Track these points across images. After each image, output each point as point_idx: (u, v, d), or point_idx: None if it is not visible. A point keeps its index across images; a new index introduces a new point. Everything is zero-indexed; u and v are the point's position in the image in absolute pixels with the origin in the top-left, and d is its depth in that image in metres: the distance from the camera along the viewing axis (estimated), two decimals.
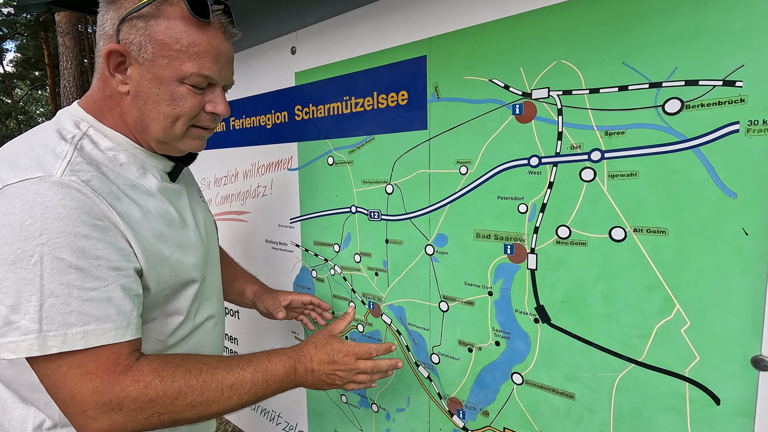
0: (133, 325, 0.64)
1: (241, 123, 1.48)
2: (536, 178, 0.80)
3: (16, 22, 17.91)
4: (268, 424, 1.52)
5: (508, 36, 0.82)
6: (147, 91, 0.69)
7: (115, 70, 0.69)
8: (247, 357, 0.75)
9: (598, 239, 0.75)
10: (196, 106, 0.72)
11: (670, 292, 0.69)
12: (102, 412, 0.60)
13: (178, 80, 0.69)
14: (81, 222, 0.59)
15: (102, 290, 0.61)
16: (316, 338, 0.84)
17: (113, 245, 0.63)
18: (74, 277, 0.58)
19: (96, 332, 0.60)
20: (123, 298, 0.63)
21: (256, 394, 0.72)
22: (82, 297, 0.59)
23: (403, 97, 1.00)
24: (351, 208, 1.14)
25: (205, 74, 0.70)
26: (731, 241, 0.63)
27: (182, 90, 0.70)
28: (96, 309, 0.60)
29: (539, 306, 0.83)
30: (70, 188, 0.60)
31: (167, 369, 0.65)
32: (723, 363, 0.65)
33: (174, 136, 0.74)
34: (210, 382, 0.67)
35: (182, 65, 0.68)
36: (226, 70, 0.75)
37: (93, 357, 0.60)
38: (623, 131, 0.71)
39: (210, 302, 0.87)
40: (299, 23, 1.23)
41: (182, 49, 0.68)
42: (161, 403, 0.63)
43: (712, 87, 0.63)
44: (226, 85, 0.78)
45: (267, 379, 0.73)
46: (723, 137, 0.62)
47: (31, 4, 1.39)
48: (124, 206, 0.66)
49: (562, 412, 0.82)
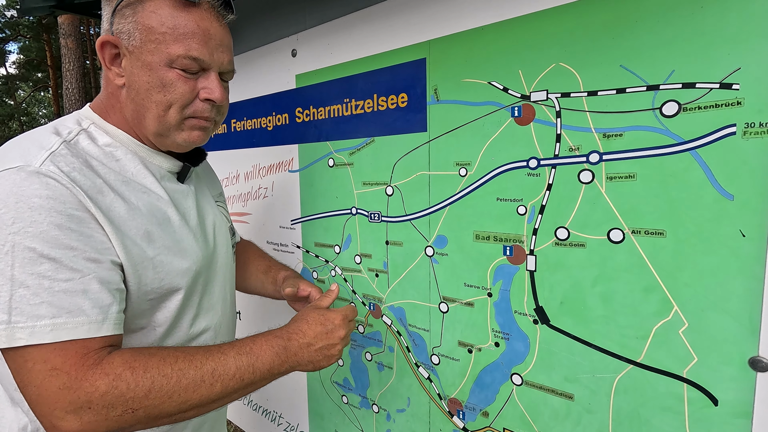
0: (111, 320, 0.60)
1: (242, 125, 1.49)
2: (535, 180, 0.81)
3: (19, 24, 17.98)
4: (270, 424, 1.53)
5: (507, 39, 0.82)
6: (138, 80, 0.68)
7: (111, 63, 0.69)
8: (229, 342, 0.69)
9: (597, 241, 0.75)
10: (188, 92, 0.69)
11: (668, 294, 0.69)
12: (70, 411, 0.56)
13: (167, 65, 0.67)
14: (56, 212, 0.57)
15: (77, 282, 0.58)
16: (306, 314, 0.78)
17: (90, 237, 0.60)
18: (46, 267, 0.56)
19: (66, 326, 0.56)
20: (100, 291, 0.59)
21: (242, 379, 0.65)
22: (53, 288, 0.56)
23: (402, 100, 1.00)
24: (351, 209, 1.15)
25: (193, 56, 0.67)
26: (728, 243, 0.63)
27: (172, 75, 0.67)
28: (68, 301, 0.57)
29: (538, 307, 0.83)
30: (47, 178, 0.58)
31: (139, 359, 0.60)
32: (721, 364, 0.65)
33: (168, 126, 0.71)
34: (187, 369, 0.62)
35: (168, 48, 0.66)
36: (219, 54, 0.71)
37: (60, 352, 0.56)
38: (621, 133, 0.71)
39: (212, 312, 0.83)
40: (300, 26, 1.24)
41: (168, 32, 0.66)
42: (134, 396, 0.58)
43: (709, 89, 0.63)
44: (223, 71, 0.74)
45: (253, 362, 0.67)
46: (720, 139, 0.63)
47: (35, 8, 1.40)
48: (108, 200, 0.64)
49: (562, 413, 0.82)
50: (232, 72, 0.77)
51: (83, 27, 10.04)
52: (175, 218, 0.74)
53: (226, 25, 0.73)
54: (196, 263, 0.76)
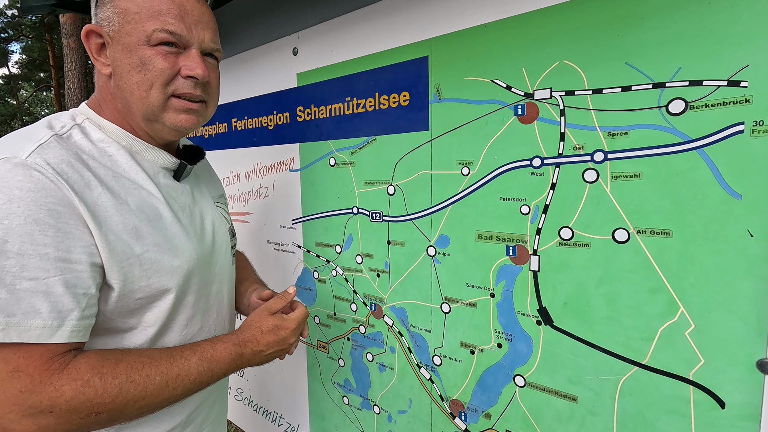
0: (68, 327, 0.58)
1: (243, 124, 1.48)
2: (538, 179, 0.80)
3: (21, 24, 18.03)
4: (270, 425, 1.52)
5: (510, 36, 0.81)
6: (121, 64, 0.67)
7: (98, 53, 0.69)
8: (190, 347, 0.71)
9: (601, 241, 0.74)
10: (167, 69, 0.68)
11: (674, 295, 0.68)
12: (27, 415, 0.54)
13: (145, 43, 0.66)
14: (36, 205, 0.55)
15: (41, 282, 0.55)
16: (259, 321, 0.80)
17: (68, 233, 0.58)
18: (12, 262, 0.54)
19: (18, 327, 0.54)
20: (64, 295, 0.57)
21: (201, 383, 0.70)
22: (14, 285, 0.54)
23: (404, 98, 0.99)
24: (353, 209, 1.14)
25: (168, 30, 0.67)
26: (736, 243, 0.62)
27: (150, 52, 0.67)
28: (26, 302, 0.54)
29: (542, 308, 0.82)
30: (31, 169, 0.56)
31: (107, 365, 0.60)
32: (728, 366, 0.64)
33: (153, 108, 0.69)
34: (153, 375, 0.63)
35: (144, 25, 0.66)
36: (198, 30, 0.70)
37: (23, 353, 0.55)
38: (626, 132, 0.70)
39: (208, 314, 0.82)
40: (301, 24, 1.23)
41: (143, 11, 0.66)
42: (100, 402, 0.58)
43: (716, 87, 0.62)
44: (205, 49, 0.72)
45: (213, 367, 0.71)
46: (727, 138, 0.62)
47: (35, 6, 1.40)
48: (94, 194, 0.62)
49: (565, 415, 0.81)
50: (217, 50, 0.76)
51: None
52: (167, 215, 0.73)
53: (204, 3, 0.73)
54: (188, 262, 0.74)
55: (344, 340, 1.22)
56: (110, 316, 0.66)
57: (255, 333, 0.79)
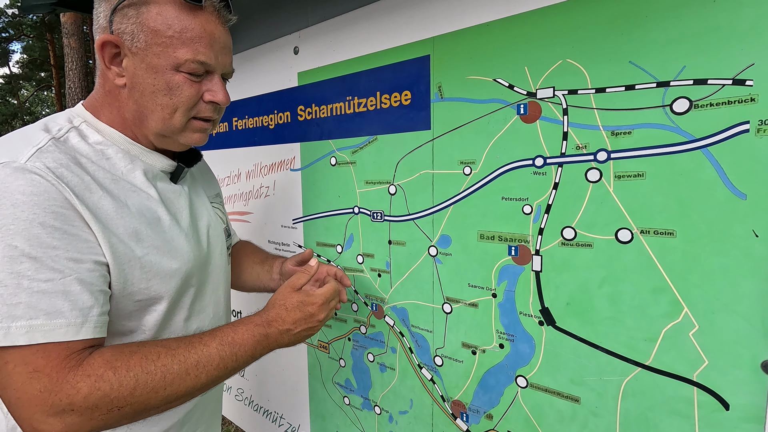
0: (92, 323, 0.59)
1: (244, 123, 1.47)
2: (541, 178, 0.79)
3: (22, 24, 18.05)
4: (271, 425, 1.52)
5: (512, 35, 0.81)
6: (143, 81, 0.67)
7: (111, 62, 0.68)
8: (210, 332, 0.70)
9: (604, 241, 0.73)
10: (194, 96, 0.70)
11: (677, 295, 0.67)
12: (52, 414, 0.55)
13: (173, 68, 0.67)
14: (39, 208, 0.56)
15: (57, 282, 0.56)
16: (283, 299, 0.79)
17: (75, 236, 0.58)
18: (26, 266, 0.54)
19: (43, 328, 0.55)
20: (81, 293, 0.58)
21: (226, 368, 0.68)
22: (32, 288, 0.55)
23: (406, 97, 0.99)
24: (354, 208, 1.13)
25: (200, 60, 0.68)
26: (740, 243, 0.62)
27: (178, 79, 0.68)
28: (47, 303, 0.55)
29: (544, 308, 0.82)
30: (32, 174, 0.57)
31: (121, 358, 0.60)
32: (732, 367, 0.64)
33: (174, 129, 0.71)
34: (171, 364, 0.62)
35: (176, 52, 0.66)
36: (223, 57, 0.72)
37: (42, 353, 0.55)
38: (630, 131, 0.69)
39: (203, 314, 0.82)
40: (302, 23, 1.23)
41: (175, 35, 0.66)
42: (118, 396, 0.58)
43: (721, 86, 0.62)
44: (225, 73, 0.75)
45: (236, 351, 0.69)
46: (732, 137, 0.61)
47: (36, 5, 1.39)
48: (95, 198, 0.63)
49: (567, 416, 0.81)
50: (232, 72, 0.78)
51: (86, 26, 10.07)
52: (166, 218, 0.73)
53: (227, 27, 0.74)
54: (186, 264, 0.74)
55: (345, 340, 1.22)
56: (110, 318, 0.66)
57: (280, 311, 0.77)
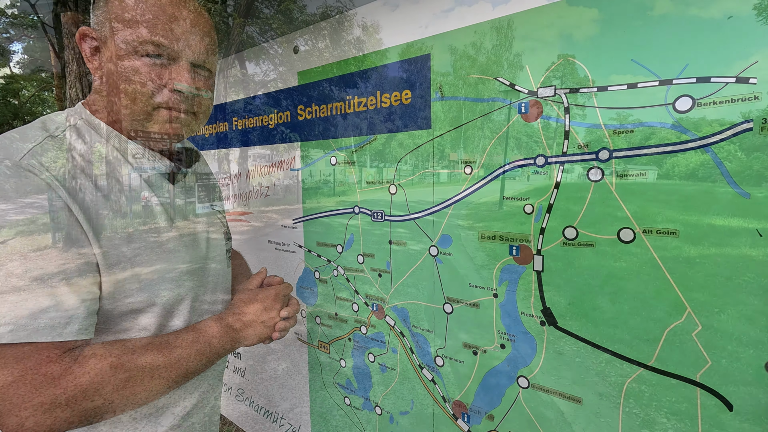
0: (77, 324, 0.59)
1: (244, 123, 1.47)
2: (542, 178, 0.79)
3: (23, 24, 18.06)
4: (271, 425, 1.51)
5: (513, 33, 0.80)
6: (111, 70, 0.66)
7: (92, 56, 0.68)
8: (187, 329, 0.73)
9: (606, 240, 0.73)
10: (154, 81, 0.66)
11: (680, 295, 0.67)
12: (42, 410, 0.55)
13: (133, 52, 0.65)
14: (32, 207, 0.56)
15: (44, 282, 0.57)
16: (238, 295, 0.85)
17: (66, 235, 0.59)
18: (15, 264, 0.55)
19: (27, 328, 0.55)
20: (67, 294, 0.58)
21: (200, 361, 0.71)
22: (19, 287, 0.55)
23: (406, 96, 0.98)
24: (354, 208, 1.13)
25: (155, 41, 0.64)
26: (744, 243, 0.61)
27: (138, 63, 0.65)
28: (32, 302, 0.56)
29: (545, 308, 0.81)
30: (26, 171, 0.57)
31: (114, 353, 0.62)
32: (735, 368, 0.63)
33: (138, 117, 0.68)
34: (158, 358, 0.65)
35: (133, 35, 0.64)
36: (189, 41, 0.67)
37: (34, 352, 0.56)
38: (632, 130, 0.69)
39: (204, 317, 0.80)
40: (302, 22, 1.22)
41: (133, 18, 0.64)
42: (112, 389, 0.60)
43: (724, 84, 0.61)
44: (197, 60, 0.70)
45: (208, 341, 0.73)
46: (736, 135, 0.61)
47: None
48: (88, 198, 0.63)
49: (569, 417, 0.80)
50: (211, 62, 0.72)
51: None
52: (161, 220, 0.73)
53: (202, 11, 0.70)
54: (182, 265, 0.74)
55: (346, 341, 1.21)
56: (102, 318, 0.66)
57: (235, 302, 0.83)
